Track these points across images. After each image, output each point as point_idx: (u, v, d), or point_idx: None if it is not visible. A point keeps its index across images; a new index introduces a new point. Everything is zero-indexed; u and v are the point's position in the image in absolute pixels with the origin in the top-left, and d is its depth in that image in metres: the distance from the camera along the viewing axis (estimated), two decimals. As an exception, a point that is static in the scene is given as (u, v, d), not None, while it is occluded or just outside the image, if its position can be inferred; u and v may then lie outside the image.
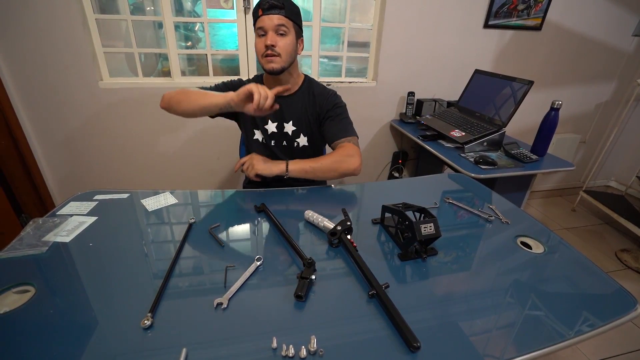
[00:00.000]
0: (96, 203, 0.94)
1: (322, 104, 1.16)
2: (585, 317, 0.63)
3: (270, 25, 1.02)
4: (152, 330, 0.57)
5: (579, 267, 0.78)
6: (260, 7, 1.02)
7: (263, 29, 1.03)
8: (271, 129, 1.17)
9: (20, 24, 1.42)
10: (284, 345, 0.54)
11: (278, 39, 1.03)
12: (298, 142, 1.20)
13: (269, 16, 1.01)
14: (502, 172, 1.36)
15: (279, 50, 1.03)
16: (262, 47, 1.04)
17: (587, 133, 2.58)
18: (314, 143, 1.22)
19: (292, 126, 1.17)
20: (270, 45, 1.02)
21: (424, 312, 0.63)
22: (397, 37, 1.88)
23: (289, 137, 1.19)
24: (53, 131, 1.66)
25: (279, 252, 0.78)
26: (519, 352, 0.56)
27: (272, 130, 1.17)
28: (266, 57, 1.05)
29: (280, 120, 1.17)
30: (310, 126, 1.19)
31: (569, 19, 2.10)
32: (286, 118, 1.17)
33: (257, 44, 1.06)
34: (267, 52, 1.03)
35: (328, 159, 1.07)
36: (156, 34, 1.85)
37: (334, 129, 1.14)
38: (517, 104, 1.47)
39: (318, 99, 1.17)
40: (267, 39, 1.02)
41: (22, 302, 0.61)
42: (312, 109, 1.17)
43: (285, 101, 1.15)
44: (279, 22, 1.02)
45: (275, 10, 1.01)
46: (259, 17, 1.02)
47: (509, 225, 0.92)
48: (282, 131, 1.18)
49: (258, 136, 1.19)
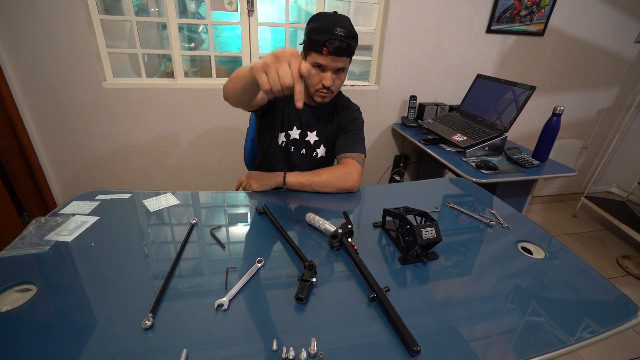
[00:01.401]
0: (98, 203, 0.94)
1: (344, 117, 1.18)
2: (586, 323, 0.63)
3: (332, 67, 1.00)
4: (152, 331, 0.57)
5: (580, 273, 0.78)
6: (327, 47, 0.95)
7: (323, 68, 1.01)
8: (294, 135, 1.16)
9: (25, 24, 1.43)
10: (284, 347, 0.54)
11: (336, 78, 1.03)
12: (318, 152, 1.20)
13: (335, 58, 0.98)
14: (504, 177, 1.36)
15: (334, 88, 1.05)
16: (317, 82, 1.03)
17: (589, 139, 2.58)
18: (331, 155, 1.23)
19: (315, 136, 1.18)
20: (328, 86, 1.03)
21: (424, 317, 0.63)
22: (399, 41, 1.89)
23: (309, 146, 1.19)
24: (56, 130, 1.66)
25: (280, 255, 0.78)
26: (519, 358, 0.56)
27: (295, 137, 1.17)
28: (319, 92, 1.05)
29: (305, 128, 1.17)
30: (330, 138, 1.20)
31: (572, 25, 2.10)
32: (311, 127, 1.17)
33: (312, 76, 1.02)
34: (323, 90, 1.04)
35: (327, 174, 1.04)
36: (160, 35, 1.86)
37: (343, 142, 1.14)
38: (519, 109, 1.47)
39: (338, 111, 1.19)
40: (327, 79, 1.01)
41: (23, 301, 0.61)
42: (335, 122, 1.19)
43: (313, 111, 1.16)
44: (342, 65, 1.01)
45: (343, 54, 0.99)
46: (323, 55, 0.97)
47: (510, 231, 0.92)
48: (304, 139, 1.18)
49: (280, 139, 1.17)
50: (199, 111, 1.79)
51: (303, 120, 1.15)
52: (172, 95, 1.73)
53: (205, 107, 1.79)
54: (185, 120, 1.80)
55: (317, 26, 0.98)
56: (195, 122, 1.82)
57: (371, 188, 1.15)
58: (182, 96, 1.74)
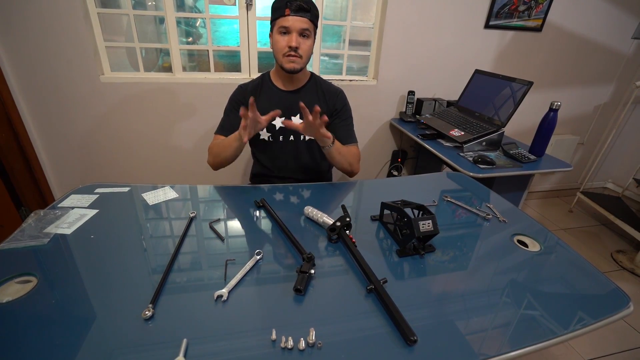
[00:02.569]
0: (97, 196, 0.94)
1: (333, 101, 1.20)
2: (580, 316, 0.64)
3: (296, 27, 1.03)
4: (152, 322, 0.57)
5: (575, 267, 0.79)
6: (288, 7, 1.02)
7: (287, 29, 1.04)
8: (278, 124, 1.18)
9: (22, 17, 1.42)
10: (283, 337, 0.55)
11: (301, 41, 1.05)
12: (305, 136, 1.21)
13: (296, 18, 1.02)
14: (501, 172, 1.37)
15: (301, 52, 1.06)
16: (284, 46, 1.05)
17: (586, 134, 2.60)
18: None
19: (300, 119, 1.18)
20: (294, 47, 1.04)
21: (421, 309, 0.64)
22: (398, 36, 1.89)
23: (296, 131, 1.19)
24: (54, 125, 1.66)
25: (279, 247, 0.79)
26: (513, 347, 0.57)
27: (280, 126, 1.18)
28: (288, 57, 1.06)
29: (288, 115, 1.18)
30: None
31: (570, 21, 2.11)
32: (293, 112, 1.18)
33: (278, 41, 1.06)
34: (290, 52, 1.05)
35: (349, 151, 1.15)
36: (157, 29, 1.84)
37: (342, 132, 1.19)
38: (517, 104, 1.48)
39: (328, 96, 1.20)
40: (292, 40, 1.03)
41: (24, 292, 0.61)
42: (323, 105, 1.19)
43: (293, 96, 1.17)
44: (305, 25, 1.04)
45: (303, 13, 1.03)
46: (285, 16, 1.02)
47: (507, 224, 0.93)
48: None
49: (264, 136, 1.19)
50: (197, 105, 1.79)
51: (285, 109, 1.16)
52: (170, 90, 1.72)
53: (203, 102, 1.78)
54: (183, 114, 1.80)
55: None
56: (193, 116, 1.81)
57: (369, 182, 1.16)
58: (180, 90, 1.73)
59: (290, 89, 1.17)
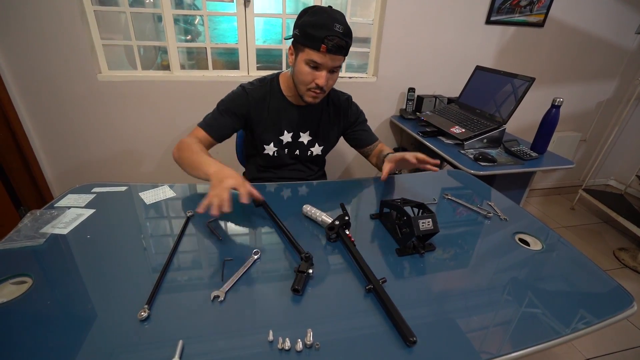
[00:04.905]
0: (94, 196, 0.94)
1: (346, 114, 1.19)
2: (582, 314, 0.63)
3: (327, 66, 0.95)
4: (148, 323, 0.57)
5: (577, 265, 0.78)
6: (325, 44, 0.89)
7: (318, 66, 0.95)
8: (286, 139, 1.14)
9: (18, 15, 1.41)
10: (280, 338, 0.54)
11: (329, 77, 0.98)
12: (312, 151, 1.20)
13: (332, 57, 0.93)
14: (502, 169, 1.35)
15: (326, 88, 1.00)
16: (310, 81, 0.97)
17: (588, 131, 2.58)
18: (326, 152, 1.23)
19: (309, 136, 1.17)
20: (321, 86, 0.97)
21: (421, 308, 0.63)
22: (398, 33, 1.87)
23: (303, 147, 1.18)
24: (51, 124, 1.65)
25: (277, 246, 0.78)
26: (514, 348, 0.56)
27: (287, 140, 1.15)
28: (311, 92, 1.00)
29: (296, 130, 1.14)
30: (327, 135, 1.19)
31: (572, 16, 2.08)
32: (303, 128, 1.15)
33: (303, 73, 0.96)
34: (316, 90, 0.99)
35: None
36: (155, 27, 1.83)
37: (366, 135, 1.23)
38: (518, 101, 1.47)
39: (340, 108, 1.18)
40: (321, 78, 0.96)
41: (19, 293, 0.61)
42: (334, 118, 1.18)
43: (303, 111, 1.13)
44: (338, 63, 0.96)
45: (340, 53, 0.94)
46: (320, 52, 0.91)
47: (508, 222, 0.92)
48: (296, 140, 1.16)
49: (269, 151, 1.15)
50: (195, 103, 1.78)
51: (294, 123, 1.13)
52: (168, 88, 1.71)
53: (202, 100, 1.77)
54: (181, 112, 1.79)
55: (313, 21, 0.91)
56: (191, 115, 1.80)
57: (368, 180, 1.15)
58: (178, 88, 1.72)
59: (301, 104, 1.10)
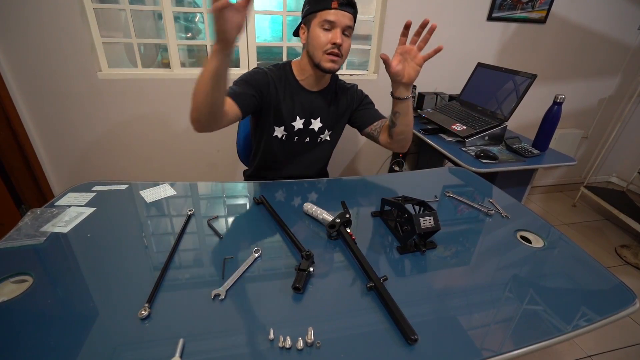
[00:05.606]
0: (95, 194, 0.93)
1: (352, 99, 1.19)
2: (584, 311, 0.63)
3: (341, 23, 0.97)
4: (149, 321, 0.57)
5: (579, 262, 0.77)
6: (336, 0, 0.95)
7: (332, 24, 0.97)
8: (298, 125, 1.13)
9: (17, 14, 1.41)
10: (281, 336, 0.54)
11: (344, 39, 0.99)
12: (322, 137, 1.19)
13: (343, 12, 0.96)
14: (503, 167, 1.35)
15: (343, 51, 1.00)
16: (326, 42, 0.97)
17: (590, 128, 2.56)
18: (334, 138, 1.23)
19: (320, 122, 1.16)
20: (338, 45, 0.97)
21: (422, 306, 0.63)
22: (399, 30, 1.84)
23: (314, 133, 1.17)
24: (52, 122, 1.65)
25: (277, 244, 0.78)
26: (516, 345, 0.56)
27: (299, 127, 1.14)
28: (329, 55, 0.99)
29: (308, 116, 1.14)
30: (336, 121, 1.19)
31: (574, 12, 2.07)
32: (314, 114, 1.15)
33: (319, 36, 0.98)
34: (334, 49, 0.98)
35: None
36: (156, 24, 1.83)
37: (372, 112, 1.20)
38: (520, 98, 1.46)
39: (347, 95, 1.19)
40: (336, 36, 0.96)
41: (19, 292, 0.61)
42: (343, 105, 1.18)
43: (316, 97, 1.13)
44: (349, 22, 0.98)
45: (350, 9, 0.97)
46: (331, 9, 0.95)
47: (509, 220, 0.91)
48: (308, 127, 1.16)
49: (278, 133, 1.13)
50: (196, 102, 1.77)
51: (306, 109, 1.12)
52: (168, 86, 1.70)
53: (203, 98, 1.77)
54: (182, 110, 1.78)
55: None
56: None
57: (370, 178, 1.15)
58: (179, 86, 1.72)
59: (314, 89, 1.11)
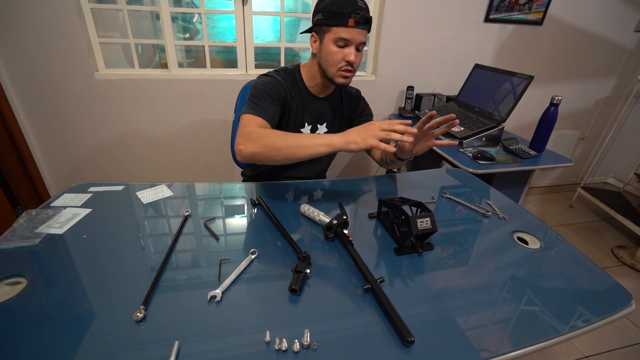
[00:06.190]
0: (90, 195, 0.93)
1: (356, 105, 1.20)
2: (580, 312, 0.63)
3: (356, 41, 0.96)
4: (144, 323, 0.56)
5: (575, 263, 0.78)
6: (353, 17, 0.91)
7: (347, 42, 0.95)
8: (306, 131, 1.14)
9: (14, 14, 1.40)
10: (277, 339, 0.54)
11: (357, 55, 0.99)
12: None
13: (359, 30, 0.94)
14: (501, 168, 1.35)
15: (355, 67, 1.00)
16: (340, 59, 0.98)
17: (587, 129, 2.58)
18: None
19: (325, 128, 1.16)
20: (352, 63, 0.98)
21: (419, 307, 0.63)
22: (396, 31, 1.86)
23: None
24: (48, 122, 1.64)
25: (274, 246, 0.78)
26: (514, 346, 0.56)
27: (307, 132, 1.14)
28: (343, 72, 1.00)
29: (315, 122, 1.14)
30: (340, 126, 1.19)
31: (571, 14, 2.08)
32: (321, 120, 1.15)
33: (333, 53, 0.97)
34: (347, 67, 0.99)
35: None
36: (154, 25, 1.82)
37: None
38: (517, 99, 1.46)
39: (351, 101, 1.19)
40: (350, 54, 0.96)
41: (13, 294, 0.60)
42: (347, 110, 1.19)
43: (322, 103, 1.13)
44: (364, 39, 0.97)
45: (366, 27, 0.95)
46: (348, 27, 0.93)
47: (506, 221, 0.91)
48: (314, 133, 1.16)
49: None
50: (193, 102, 1.77)
51: (314, 116, 1.13)
52: (165, 86, 1.70)
53: (200, 98, 1.76)
54: (179, 111, 1.78)
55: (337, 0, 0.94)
56: (190, 114, 1.79)
57: (367, 179, 1.15)
58: (176, 87, 1.71)
59: (322, 95, 1.12)
